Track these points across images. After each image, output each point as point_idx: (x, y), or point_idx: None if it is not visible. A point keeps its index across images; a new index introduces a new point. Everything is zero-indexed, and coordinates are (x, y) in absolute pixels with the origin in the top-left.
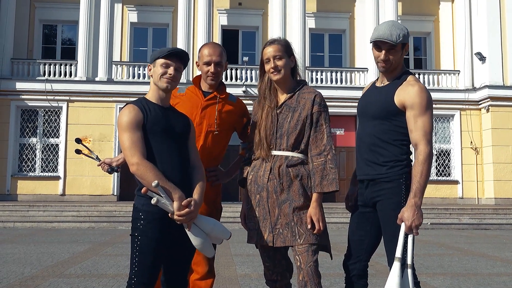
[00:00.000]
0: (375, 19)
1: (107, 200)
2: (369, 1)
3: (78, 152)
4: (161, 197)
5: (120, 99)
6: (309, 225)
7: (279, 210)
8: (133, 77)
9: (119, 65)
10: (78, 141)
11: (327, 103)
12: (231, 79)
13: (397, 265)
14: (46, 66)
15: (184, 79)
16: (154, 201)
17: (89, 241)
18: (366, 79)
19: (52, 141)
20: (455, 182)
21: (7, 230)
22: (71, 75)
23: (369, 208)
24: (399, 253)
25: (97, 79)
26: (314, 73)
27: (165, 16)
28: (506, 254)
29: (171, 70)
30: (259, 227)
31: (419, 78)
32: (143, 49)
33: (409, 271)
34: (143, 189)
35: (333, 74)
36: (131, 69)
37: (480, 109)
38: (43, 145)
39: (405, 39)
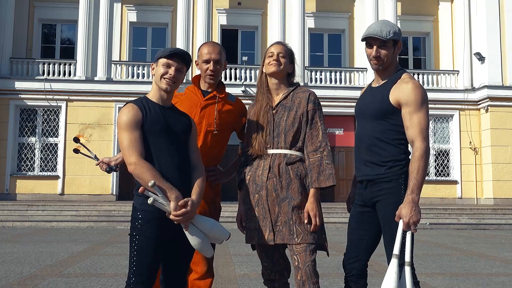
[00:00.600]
0: (374, 19)
1: (106, 199)
2: (369, 1)
3: (76, 151)
4: (158, 197)
5: (119, 98)
6: (305, 220)
7: (279, 208)
8: (132, 76)
9: (118, 65)
10: (76, 140)
11: (327, 103)
12: (230, 79)
13: (394, 261)
14: (45, 65)
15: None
16: (150, 200)
17: (88, 240)
18: (365, 79)
19: (51, 140)
20: (454, 182)
21: (6, 229)
22: (70, 74)
23: (368, 208)
24: (396, 250)
25: (96, 79)
26: (313, 73)
27: (164, 15)
28: (504, 254)
29: (172, 70)
30: (260, 226)
31: (418, 78)
32: (142, 49)
33: (408, 269)
34: (140, 189)
35: (332, 74)
36: (130, 68)
37: (479, 109)
38: (42, 144)
39: (396, 36)
